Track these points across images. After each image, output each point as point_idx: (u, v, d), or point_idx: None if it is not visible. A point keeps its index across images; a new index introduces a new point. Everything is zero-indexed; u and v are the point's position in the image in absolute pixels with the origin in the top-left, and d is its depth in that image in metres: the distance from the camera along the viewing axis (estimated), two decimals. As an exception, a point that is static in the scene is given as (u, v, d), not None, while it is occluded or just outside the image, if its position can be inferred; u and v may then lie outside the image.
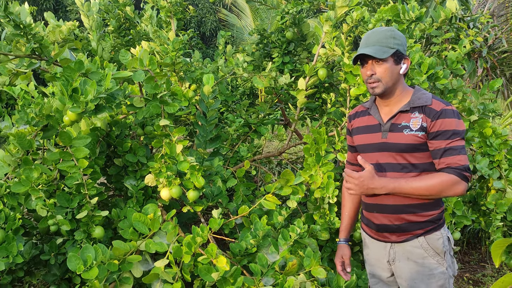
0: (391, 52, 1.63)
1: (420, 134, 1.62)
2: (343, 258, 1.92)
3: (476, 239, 3.75)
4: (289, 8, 3.29)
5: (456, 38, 3.20)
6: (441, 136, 1.59)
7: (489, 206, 2.51)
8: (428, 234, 1.68)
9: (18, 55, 1.92)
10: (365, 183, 1.60)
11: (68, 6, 14.15)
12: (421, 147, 1.64)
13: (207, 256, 1.68)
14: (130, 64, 2.05)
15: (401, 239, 1.71)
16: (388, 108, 1.74)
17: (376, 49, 1.62)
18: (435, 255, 1.68)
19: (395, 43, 1.64)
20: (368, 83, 1.68)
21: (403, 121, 1.67)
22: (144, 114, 2.10)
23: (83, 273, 1.62)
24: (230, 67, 3.01)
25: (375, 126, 1.75)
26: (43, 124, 1.99)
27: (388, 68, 1.64)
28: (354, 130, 1.86)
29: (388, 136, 1.69)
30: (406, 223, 1.68)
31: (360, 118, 1.85)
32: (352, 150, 1.93)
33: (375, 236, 1.80)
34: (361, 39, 1.74)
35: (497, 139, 2.65)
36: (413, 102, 1.67)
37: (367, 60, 1.67)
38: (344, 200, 1.98)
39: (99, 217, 2.00)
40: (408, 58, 1.72)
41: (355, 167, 1.93)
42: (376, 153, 1.73)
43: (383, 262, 1.79)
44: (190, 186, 2.07)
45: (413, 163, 1.65)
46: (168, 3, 2.83)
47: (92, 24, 3.38)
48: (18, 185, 1.82)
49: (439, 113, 1.60)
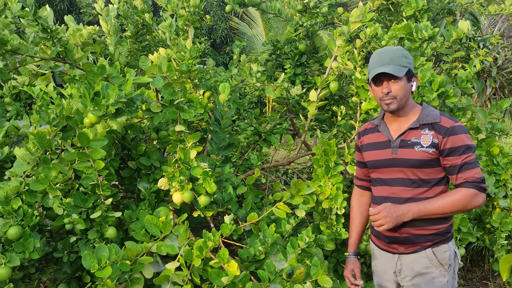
0: (405, 71, 1.69)
1: (431, 151, 1.67)
2: (353, 271, 1.94)
3: (480, 257, 3.76)
4: (304, 21, 3.35)
5: (466, 57, 3.25)
6: (455, 153, 1.65)
7: (494, 224, 2.54)
8: (435, 246, 1.72)
9: (43, 58, 1.98)
10: (392, 211, 1.64)
11: (82, 8, 14.33)
12: (431, 163, 1.69)
13: (218, 260, 1.73)
14: (149, 70, 2.11)
15: (409, 251, 1.75)
16: (396, 125, 1.79)
17: (393, 68, 1.67)
18: (438, 265, 1.72)
19: (407, 62, 1.71)
20: (383, 100, 1.73)
21: (413, 137, 1.72)
22: (160, 119, 2.15)
23: (97, 272, 1.67)
24: (243, 76, 3.07)
25: (384, 142, 1.80)
26: (63, 125, 2.05)
27: (403, 86, 1.70)
28: (364, 146, 1.91)
29: (398, 152, 1.74)
30: (414, 235, 1.72)
31: (369, 135, 1.90)
32: (361, 166, 1.97)
33: (385, 247, 1.83)
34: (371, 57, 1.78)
35: (504, 158, 2.69)
36: (422, 119, 1.73)
37: (382, 79, 1.71)
38: (352, 214, 2.02)
39: (112, 217, 2.05)
40: (417, 76, 1.79)
41: (363, 183, 1.99)
42: (387, 169, 1.78)
43: (390, 273, 1.82)
44: (202, 191, 2.11)
45: (423, 178, 1.70)
46: (186, 12, 2.90)
47: (110, 29, 3.45)
48: (37, 183, 1.87)
49: (449, 131, 1.66)
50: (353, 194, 2.06)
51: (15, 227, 1.77)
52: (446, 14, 3.23)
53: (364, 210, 1.98)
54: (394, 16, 3.24)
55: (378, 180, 1.84)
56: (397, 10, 3.19)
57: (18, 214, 1.79)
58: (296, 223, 2.22)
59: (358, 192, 2.03)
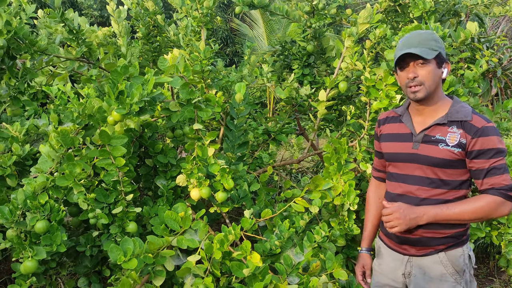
0: (435, 54, 1.54)
1: (456, 151, 1.54)
2: (364, 267, 1.89)
3: (485, 254, 3.83)
4: (312, 22, 3.42)
5: (471, 57, 3.32)
6: (483, 155, 1.52)
7: (502, 220, 2.60)
8: (449, 249, 1.62)
9: (69, 58, 2.05)
10: (406, 213, 1.54)
11: (84, 9, 14.38)
12: (454, 164, 1.57)
13: (241, 252, 1.79)
14: (168, 70, 2.18)
15: (420, 253, 1.66)
16: (421, 118, 1.66)
17: (421, 49, 1.52)
18: (454, 273, 1.62)
19: (437, 45, 1.56)
20: (409, 87, 1.58)
21: (438, 133, 1.59)
22: (178, 117, 2.21)
23: (123, 264, 1.73)
24: (254, 76, 3.14)
25: (406, 135, 1.68)
26: (85, 123, 2.11)
27: (432, 71, 1.55)
28: (383, 136, 1.79)
29: (420, 148, 1.61)
30: (426, 238, 1.62)
31: (391, 124, 1.77)
32: (380, 156, 1.87)
33: (394, 247, 1.75)
34: (399, 41, 1.63)
35: (509, 157, 2.75)
36: (451, 115, 1.58)
37: (408, 63, 1.57)
38: (368, 206, 1.95)
39: (133, 213, 2.11)
40: (449, 62, 1.64)
41: (381, 174, 1.90)
42: (404, 164, 1.67)
43: (398, 275, 1.73)
44: (219, 187, 2.18)
45: (442, 179, 1.59)
46: (200, 13, 2.97)
47: (122, 30, 3.52)
48: (62, 179, 1.93)
49: (480, 131, 1.52)
50: (370, 185, 1.98)
51: (42, 221, 1.83)
52: (452, 16, 3.30)
53: (380, 204, 1.87)
54: (401, 17, 3.31)
55: (394, 175, 1.73)
56: (404, 12, 3.26)
57: (45, 209, 1.85)
58: (310, 219, 2.28)
59: (375, 183, 1.95)
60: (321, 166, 5.48)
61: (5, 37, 1.85)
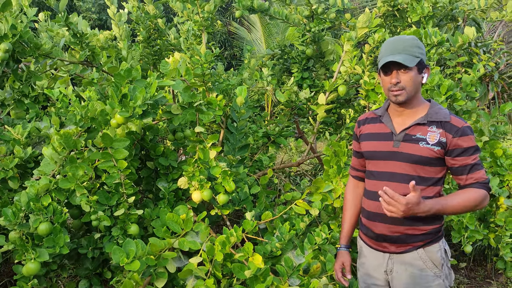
0: (417, 61, 1.62)
1: (436, 149, 1.64)
2: (343, 264, 1.94)
3: (482, 256, 3.86)
4: (312, 26, 3.45)
5: (469, 62, 3.36)
6: (466, 153, 1.63)
7: (499, 223, 2.63)
8: (427, 246, 1.71)
9: (72, 61, 2.06)
10: (412, 208, 1.57)
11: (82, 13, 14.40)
12: (433, 162, 1.66)
13: (243, 254, 1.81)
14: (170, 73, 2.20)
15: (400, 250, 1.73)
16: (401, 119, 1.74)
17: (404, 57, 1.60)
18: (433, 267, 1.71)
19: (419, 52, 1.64)
20: (391, 91, 1.67)
21: (419, 133, 1.67)
22: (180, 120, 2.23)
23: (126, 265, 1.74)
24: (254, 79, 3.16)
25: (386, 134, 1.75)
26: (88, 126, 2.13)
27: (413, 77, 1.64)
28: (363, 136, 1.85)
29: (401, 146, 1.69)
30: (405, 235, 1.70)
31: (370, 124, 1.83)
32: (358, 156, 1.92)
33: (374, 245, 1.81)
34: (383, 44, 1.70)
35: (507, 159, 2.79)
36: (430, 116, 1.68)
37: (391, 68, 1.65)
38: (346, 205, 1.99)
39: (134, 215, 2.13)
40: (429, 67, 1.73)
41: (359, 173, 1.95)
42: (385, 162, 1.73)
43: (380, 272, 1.80)
44: (221, 190, 2.20)
45: (422, 176, 1.67)
46: (201, 17, 3.00)
47: (122, 34, 3.54)
48: (65, 182, 1.95)
49: (461, 131, 1.63)
50: (348, 184, 2.02)
51: (45, 223, 1.84)
52: (449, 21, 3.34)
53: (358, 202, 1.94)
54: (399, 22, 3.35)
55: (373, 173, 1.78)
56: (403, 16, 3.30)
57: (48, 211, 1.86)
58: (310, 221, 2.30)
59: (353, 183, 1.99)
60: (320, 169, 5.51)
61: (11, 40, 1.87)
